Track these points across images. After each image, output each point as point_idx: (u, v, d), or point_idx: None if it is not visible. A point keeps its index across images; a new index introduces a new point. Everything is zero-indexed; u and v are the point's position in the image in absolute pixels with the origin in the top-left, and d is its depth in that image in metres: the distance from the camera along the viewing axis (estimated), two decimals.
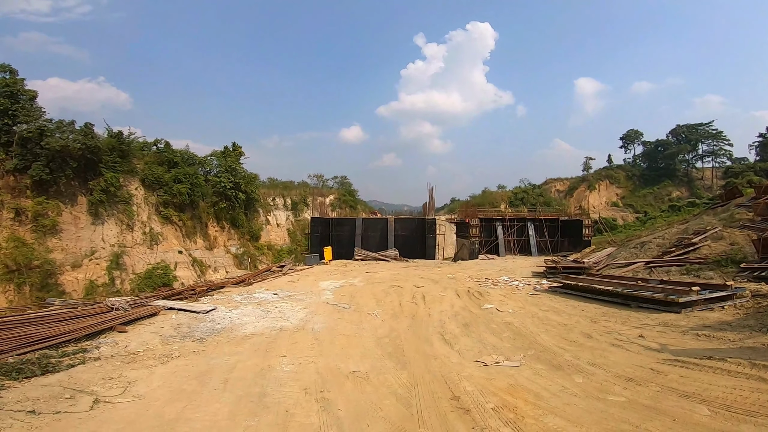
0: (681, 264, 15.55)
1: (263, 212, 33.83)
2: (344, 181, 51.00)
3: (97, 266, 19.17)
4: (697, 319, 9.51)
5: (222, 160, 29.75)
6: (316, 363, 7.57)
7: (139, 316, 11.07)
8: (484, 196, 59.70)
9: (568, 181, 68.95)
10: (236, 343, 9.15)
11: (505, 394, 5.83)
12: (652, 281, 13.19)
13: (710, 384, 5.62)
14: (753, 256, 14.12)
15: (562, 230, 36.28)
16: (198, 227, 26.03)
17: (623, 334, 8.86)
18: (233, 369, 7.27)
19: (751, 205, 20.21)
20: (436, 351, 8.30)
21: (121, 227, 21.15)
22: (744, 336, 7.80)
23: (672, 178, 66.06)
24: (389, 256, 30.38)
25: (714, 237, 17.19)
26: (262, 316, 11.81)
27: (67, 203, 19.33)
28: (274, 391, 6.20)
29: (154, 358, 7.98)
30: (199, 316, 11.63)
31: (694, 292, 10.45)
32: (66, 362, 7.39)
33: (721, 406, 4.92)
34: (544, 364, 7.19)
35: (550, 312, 11.68)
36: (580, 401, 5.47)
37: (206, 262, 24.86)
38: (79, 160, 19.60)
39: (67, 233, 18.81)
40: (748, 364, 6.12)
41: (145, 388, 6.37)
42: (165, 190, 23.82)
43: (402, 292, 15.64)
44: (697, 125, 67.95)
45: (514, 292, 15.38)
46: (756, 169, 51.91)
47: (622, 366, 6.76)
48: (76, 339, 8.79)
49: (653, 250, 19.36)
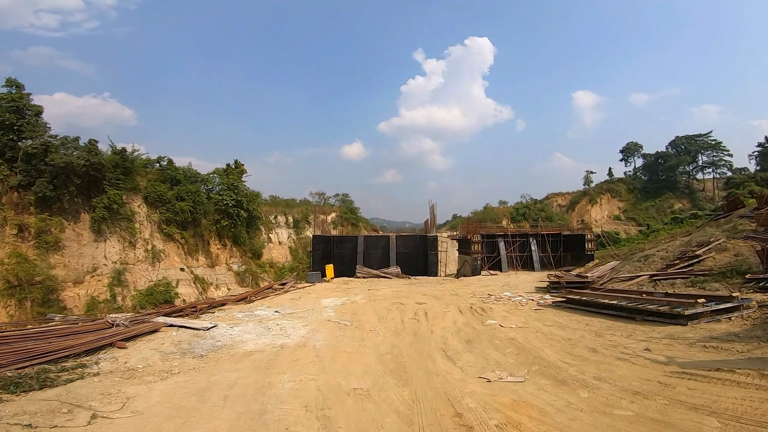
0: (686, 276, 15.39)
1: (265, 230, 33.86)
2: (345, 198, 50.95)
3: (98, 282, 19.12)
4: (703, 330, 9.37)
5: (224, 177, 29.91)
6: (317, 380, 7.47)
7: (139, 333, 11.01)
8: (485, 212, 59.62)
9: (569, 195, 68.93)
10: (237, 359, 9.05)
11: (508, 410, 5.72)
12: (656, 294, 13.07)
13: (719, 396, 5.50)
14: (758, 266, 13.97)
15: (564, 245, 36.08)
16: (200, 245, 26.04)
17: (629, 347, 8.72)
18: (233, 385, 7.18)
19: (753, 215, 20.11)
20: (438, 367, 8.18)
21: (124, 244, 21.17)
22: (752, 347, 7.66)
23: (673, 190, 65.98)
24: (391, 273, 30.23)
25: (718, 248, 17.06)
26: (264, 333, 11.71)
27: (69, 220, 19.40)
28: (274, 408, 6.10)
29: (154, 374, 7.90)
30: (200, 333, 11.54)
31: (699, 304, 10.33)
32: (64, 377, 7.36)
33: (731, 418, 4.80)
34: (548, 379, 7.07)
35: (554, 327, 11.54)
36: (585, 416, 5.36)
37: (208, 280, 24.77)
38: (83, 177, 19.73)
39: (69, 250, 18.83)
40: (757, 375, 6.00)
41: (143, 404, 6.29)
42: (167, 208, 23.90)
43: (404, 309, 15.51)
44: (696, 136, 68.16)
45: (518, 308, 15.23)
46: (757, 179, 51.65)
47: (629, 379, 6.64)
48: (75, 354, 8.76)
49: (657, 262, 19.20)
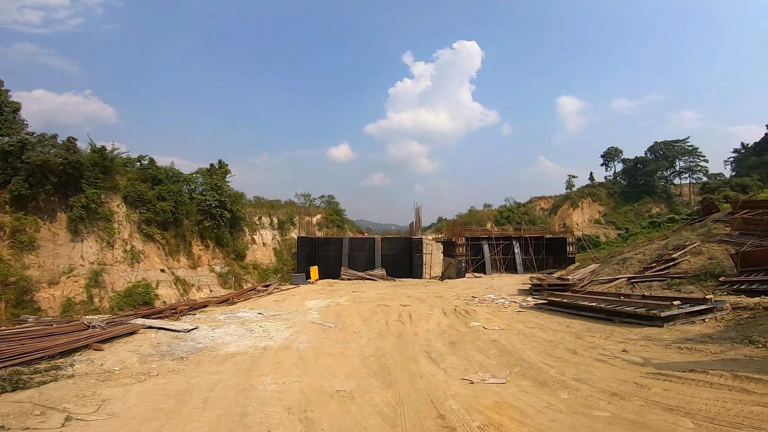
0: (662, 279, 15.82)
1: (249, 231, 33.47)
2: (331, 200, 50.87)
3: (74, 284, 18.61)
4: (679, 332, 9.63)
5: (207, 177, 29.46)
6: (300, 382, 7.42)
7: (116, 335, 10.78)
8: (470, 215, 60.29)
9: (552, 199, 70.20)
10: (218, 362, 8.92)
11: (491, 412, 5.77)
12: (634, 296, 13.38)
13: (693, 397, 5.65)
14: (732, 269, 14.47)
15: (546, 248, 36.69)
16: (181, 245, 25.58)
17: (607, 348, 8.91)
18: (214, 388, 7.08)
19: (728, 220, 20.82)
20: (422, 369, 8.21)
21: (101, 245, 20.66)
22: (725, 348, 7.91)
23: (651, 194, 67.83)
24: (376, 276, 30.23)
25: (693, 252, 17.59)
26: (246, 335, 11.57)
27: (45, 219, 18.85)
28: (256, 411, 6.03)
29: (131, 377, 7.75)
30: (180, 335, 11.34)
31: (675, 306, 10.62)
32: (37, 379, 7.21)
33: (704, 419, 4.93)
34: (529, 380, 7.17)
35: (535, 329, 11.70)
36: (565, 417, 5.45)
37: (189, 281, 24.34)
38: (60, 176, 19.22)
39: (44, 250, 18.30)
40: (730, 376, 6.19)
41: (120, 406, 6.16)
42: (148, 208, 23.43)
43: (389, 311, 15.53)
44: (673, 142, 70.24)
45: (500, 310, 15.40)
46: (732, 185, 53.40)
47: (607, 381, 6.78)
48: (49, 356, 8.55)
49: (635, 265, 19.68)
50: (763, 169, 55.52)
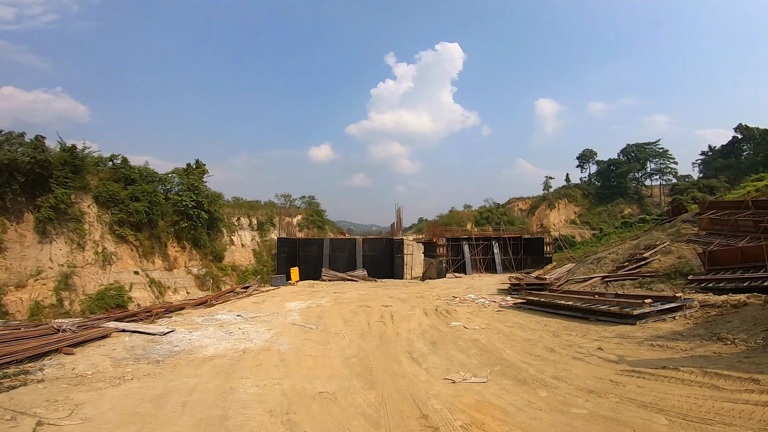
0: (634, 278, 16.34)
1: (227, 232, 32.85)
2: (312, 201, 50.44)
3: (43, 286, 17.90)
4: (651, 330, 9.97)
5: (184, 177, 28.73)
6: (281, 384, 7.34)
7: (88, 338, 10.43)
8: (451, 215, 60.77)
9: (530, 200, 71.48)
10: (196, 365, 8.74)
11: (473, 411, 5.84)
12: (608, 295, 13.79)
13: (666, 393, 5.86)
14: (700, 268, 15.07)
15: (525, 248, 37.35)
16: (156, 247, 24.90)
17: (584, 347, 9.15)
18: (193, 391, 6.93)
19: (696, 220, 21.72)
20: (404, 370, 8.24)
21: (71, 246, 19.91)
22: (695, 345, 8.24)
23: (624, 195, 69.98)
24: (357, 276, 30.15)
25: (663, 251, 18.24)
26: (225, 338, 11.36)
27: (12, 220, 18.07)
28: (236, 414, 5.94)
29: (105, 381, 7.52)
30: (155, 338, 11.05)
31: (647, 304, 10.99)
32: (6, 384, 6.96)
33: (677, 415, 5.11)
34: (510, 379, 7.29)
35: (515, 328, 11.91)
36: (545, 415, 5.57)
37: (165, 283, 23.72)
38: (28, 175, 18.45)
39: (11, 252, 17.53)
40: (700, 373, 6.45)
41: (94, 411, 5.98)
42: (120, 208, 22.72)
43: (370, 312, 15.51)
44: (645, 144, 72.67)
45: (481, 310, 15.60)
46: (699, 186, 55.57)
47: (584, 378, 6.96)
48: (18, 361, 8.24)
49: (608, 265, 20.27)
50: (730, 171, 58.07)
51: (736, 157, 61.62)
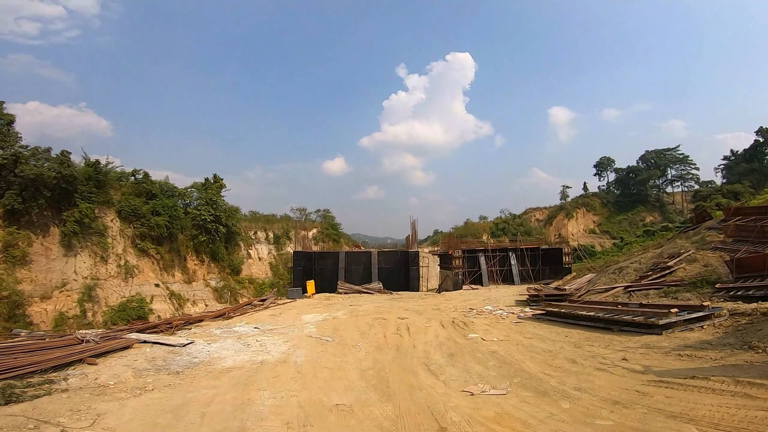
0: (658, 287, 15.86)
1: (244, 246, 33.28)
2: (327, 214, 50.92)
3: (67, 298, 18.33)
4: (678, 339, 9.62)
5: (202, 192, 29.34)
6: (298, 396, 7.31)
7: (110, 349, 10.63)
8: (466, 227, 60.40)
9: (546, 210, 70.51)
10: (215, 376, 8.79)
11: (492, 424, 5.70)
12: (631, 305, 13.39)
13: (696, 403, 5.62)
14: (727, 276, 14.54)
15: (543, 258, 36.72)
16: (176, 260, 25.35)
17: (607, 357, 8.87)
18: (211, 403, 6.95)
19: (721, 227, 21.01)
20: (421, 382, 8.12)
21: (95, 259, 20.42)
22: (725, 354, 7.90)
23: (644, 203, 68.34)
24: (373, 289, 30.06)
25: (688, 260, 17.69)
26: (243, 350, 11.42)
27: (38, 234, 18.63)
28: (254, 426, 5.92)
29: (126, 391, 7.62)
30: (175, 350, 11.18)
31: (673, 313, 10.64)
32: (30, 393, 7.10)
33: (709, 425, 4.89)
34: (530, 391, 7.10)
35: (534, 339, 11.65)
36: (568, 427, 5.39)
37: (185, 296, 24.07)
38: (54, 190, 19.05)
39: (37, 264, 18.05)
40: (732, 382, 6.17)
41: (116, 421, 6.04)
42: (142, 222, 23.25)
43: (386, 324, 15.41)
44: (664, 150, 71.08)
45: (499, 321, 15.33)
46: (723, 192, 53.82)
47: (608, 389, 6.73)
48: (42, 370, 8.43)
49: (631, 274, 19.74)
50: (754, 175, 56.25)
51: (759, 161, 59.67)
